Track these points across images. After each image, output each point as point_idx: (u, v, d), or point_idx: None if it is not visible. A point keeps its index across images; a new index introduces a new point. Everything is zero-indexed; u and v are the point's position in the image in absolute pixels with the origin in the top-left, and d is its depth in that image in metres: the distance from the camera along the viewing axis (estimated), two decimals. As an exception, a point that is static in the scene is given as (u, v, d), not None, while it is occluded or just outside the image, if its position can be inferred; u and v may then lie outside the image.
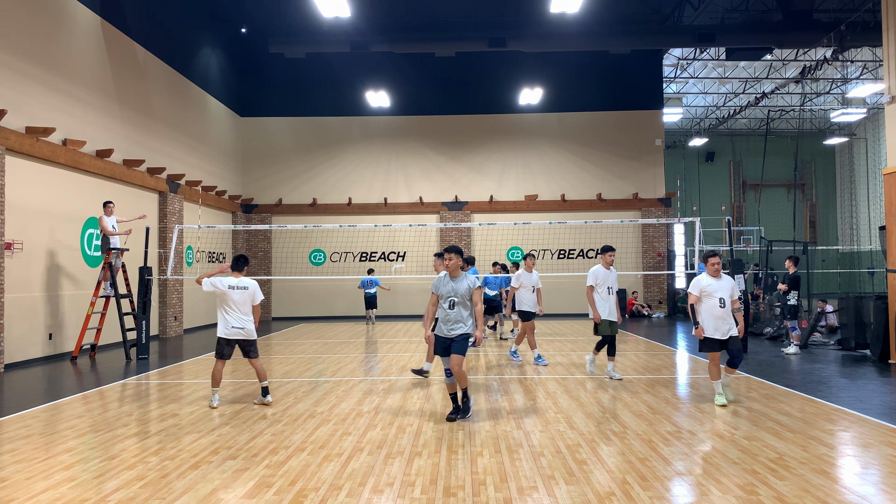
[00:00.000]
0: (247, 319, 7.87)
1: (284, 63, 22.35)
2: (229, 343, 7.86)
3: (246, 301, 7.89)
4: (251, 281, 8.02)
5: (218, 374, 7.90)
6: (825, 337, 14.19)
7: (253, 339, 7.97)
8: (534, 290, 11.31)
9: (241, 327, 7.80)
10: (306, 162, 23.22)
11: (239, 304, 7.83)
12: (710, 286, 7.70)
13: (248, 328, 7.87)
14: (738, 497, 4.60)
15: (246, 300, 7.89)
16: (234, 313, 7.82)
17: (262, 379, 8.04)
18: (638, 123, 23.05)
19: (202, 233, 19.55)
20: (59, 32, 13.08)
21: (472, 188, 23.07)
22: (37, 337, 12.24)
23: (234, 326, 7.80)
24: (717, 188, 35.18)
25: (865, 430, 6.42)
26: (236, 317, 7.81)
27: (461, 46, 19.96)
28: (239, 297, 7.84)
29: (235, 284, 7.86)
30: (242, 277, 8.00)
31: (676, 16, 21.41)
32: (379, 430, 6.59)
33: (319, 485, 4.95)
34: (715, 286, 7.69)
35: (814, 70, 22.63)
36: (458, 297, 6.85)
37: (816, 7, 19.45)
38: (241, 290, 7.86)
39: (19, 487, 4.96)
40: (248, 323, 7.88)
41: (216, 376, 7.90)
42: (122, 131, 15.19)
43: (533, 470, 5.25)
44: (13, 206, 11.52)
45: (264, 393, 8.00)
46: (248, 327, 7.87)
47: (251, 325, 7.91)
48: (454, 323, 6.85)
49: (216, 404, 7.80)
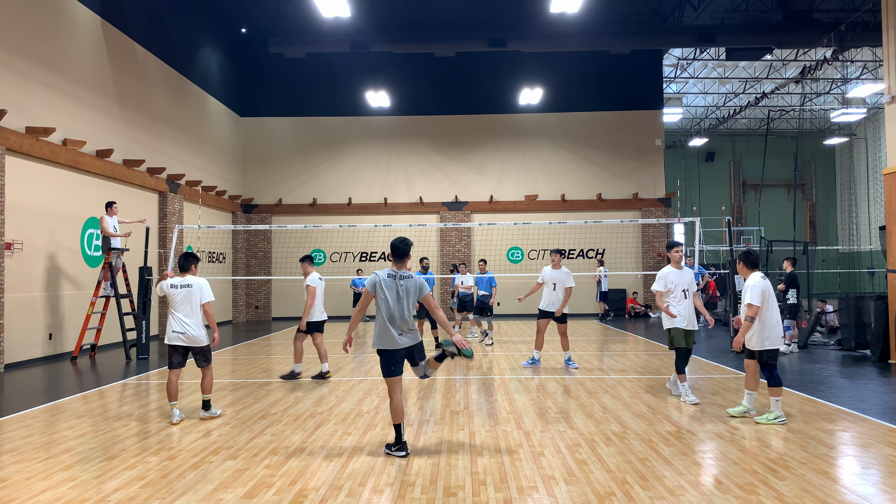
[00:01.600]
0: (189, 322, 7.05)
1: (284, 63, 22.35)
2: (175, 350, 7.10)
3: (188, 301, 7.07)
4: (198, 279, 7.22)
5: (172, 387, 7.05)
6: (825, 337, 14.20)
7: (200, 346, 7.15)
8: (554, 287, 10.74)
9: (181, 332, 7.02)
10: (306, 162, 23.22)
11: (179, 305, 7.05)
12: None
13: (192, 333, 7.04)
14: (738, 497, 4.60)
15: (189, 300, 7.07)
16: (176, 315, 7.06)
17: (205, 392, 7.23)
18: (638, 123, 23.05)
19: (202, 233, 19.55)
20: (59, 32, 13.08)
21: (472, 188, 23.07)
22: (37, 337, 12.24)
23: (175, 331, 7.04)
24: (717, 188, 35.18)
25: (865, 430, 6.42)
26: (178, 319, 7.04)
27: (461, 46, 19.96)
28: (181, 296, 7.07)
29: (178, 283, 7.12)
30: (188, 276, 7.21)
31: (676, 16, 21.41)
32: (379, 430, 6.59)
33: (319, 485, 4.95)
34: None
35: (814, 70, 22.63)
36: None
37: (816, 7, 19.45)
38: (185, 289, 7.09)
39: (19, 487, 4.96)
40: (192, 327, 7.05)
41: (170, 389, 7.05)
42: (122, 131, 15.20)
43: (533, 470, 5.25)
44: (13, 206, 11.52)
45: (205, 407, 7.22)
46: (191, 332, 7.04)
47: (196, 329, 7.07)
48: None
49: (177, 420, 6.94)
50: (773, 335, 6.82)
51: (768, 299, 6.83)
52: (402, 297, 5.73)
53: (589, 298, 22.51)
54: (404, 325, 5.75)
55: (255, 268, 22.79)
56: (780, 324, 6.91)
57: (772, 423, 6.62)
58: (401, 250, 5.85)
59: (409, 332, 5.79)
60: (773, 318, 6.84)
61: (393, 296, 5.71)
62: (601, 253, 22.55)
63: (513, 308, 22.62)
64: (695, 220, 13.75)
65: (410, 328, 5.81)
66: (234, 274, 22.13)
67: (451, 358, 5.95)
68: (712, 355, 11.96)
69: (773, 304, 6.88)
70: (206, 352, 7.26)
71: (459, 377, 9.82)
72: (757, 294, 6.75)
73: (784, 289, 12.50)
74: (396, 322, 5.71)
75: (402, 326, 5.74)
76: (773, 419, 6.66)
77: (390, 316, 5.70)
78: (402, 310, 5.73)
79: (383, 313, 5.72)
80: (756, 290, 6.79)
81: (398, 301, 5.72)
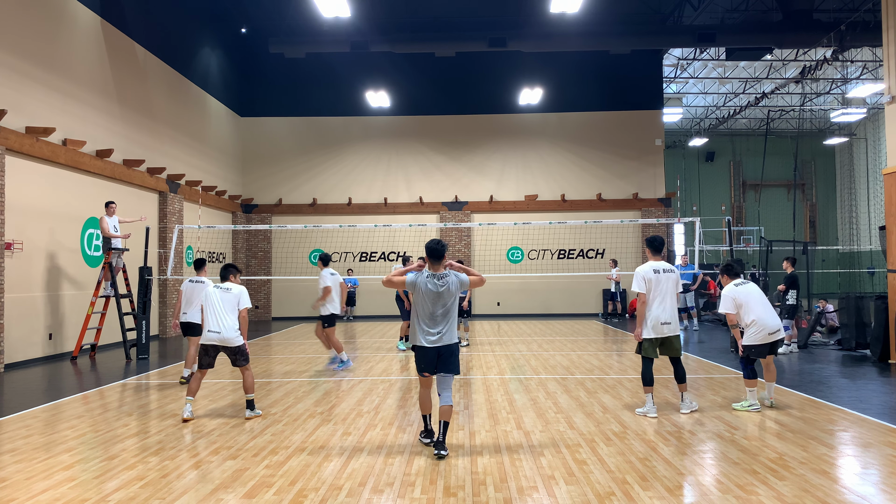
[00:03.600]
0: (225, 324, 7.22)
1: (284, 63, 22.34)
2: (207, 351, 7.27)
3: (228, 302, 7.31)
4: (237, 286, 7.48)
5: (195, 384, 7.25)
6: (825, 337, 14.20)
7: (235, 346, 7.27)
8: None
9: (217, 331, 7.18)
10: (306, 162, 23.22)
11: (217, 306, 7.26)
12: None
13: (226, 335, 7.16)
14: (738, 497, 4.60)
15: (229, 302, 7.32)
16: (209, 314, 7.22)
17: (248, 391, 7.38)
18: (638, 123, 23.05)
19: (202, 233, 19.55)
20: (59, 32, 13.08)
21: (472, 188, 23.07)
22: (37, 337, 12.24)
23: (211, 330, 7.18)
24: (717, 188, 35.16)
25: (865, 430, 6.42)
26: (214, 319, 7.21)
27: (461, 46, 19.96)
28: (222, 298, 7.30)
29: (220, 286, 7.43)
30: (227, 283, 7.48)
31: (676, 16, 21.41)
32: (379, 430, 6.59)
33: (319, 485, 4.95)
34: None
35: (814, 70, 22.62)
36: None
37: (816, 7, 19.45)
38: (226, 292, 7.36)
39: (19, 487, 4.96)
40: (228, 328, 7.19)
41: (192, 386, 7.23)
42: (122, 131, 15.20)
43: (533, 470, 5.25)
44: (13, 206, 11.52)
45: (250, 406, 7.30)
46: (225, 334, 7.16)
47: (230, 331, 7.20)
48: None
49: (187, 416, 7.08)
50: (750, 333, 7.37)
51: (746, 304, 7.33)
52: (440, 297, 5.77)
53: (589, 298, 22.53)
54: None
55: (255, 268, 22.79)
56: (758, 323, 7.29)
57: (746, 410, 7.26)
58: (438, 252, 5.85)
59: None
60: (747, 320, 7.34)
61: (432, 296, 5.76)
62: (600, 252, 22.55)
63: (512, 308, 22.63)
64: (695, 220, 13.75)
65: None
66: (234, 274, 22.09)
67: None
68: (712, 355, 11.97)
69: (751, 307, 7.32)
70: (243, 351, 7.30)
71: (460, 377, 9.82)
72: (727, 303, 7.36)
73: (784, 289, 12.50)
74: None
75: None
76: (748, 406, 7.31)
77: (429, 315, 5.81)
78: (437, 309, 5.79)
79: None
80: (726, 300, 7.42)
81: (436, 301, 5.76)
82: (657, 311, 7.13)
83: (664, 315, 7.13)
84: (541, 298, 22.57)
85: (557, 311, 22.48)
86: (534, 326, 18.58)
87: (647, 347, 7.26)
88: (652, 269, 7.19)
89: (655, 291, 7.13)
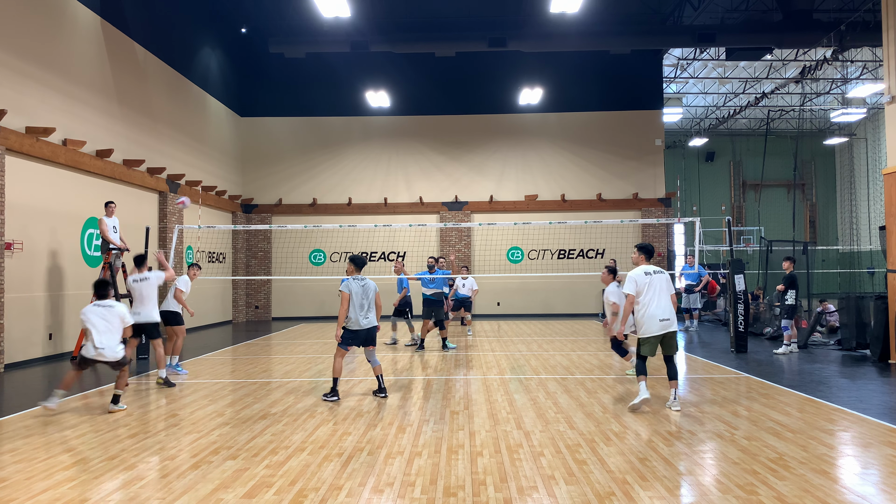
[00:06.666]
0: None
1: (284, 63, 22.34)
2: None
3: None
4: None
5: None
6: (825, 337, 14.19)
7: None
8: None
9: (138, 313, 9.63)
10: (306, 162, 23.22)
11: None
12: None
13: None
14: (738, 497, 4.60)
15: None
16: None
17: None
18: (638, 123, 23.05)
19: (202, 233, 19.55)
20: (59, 32, 13.08)
21: (472, 188, 23.07)
22: (37, 337, 12.24)
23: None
24: (717, 188, 35.15)
25: (865, 430, 6.42)
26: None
27: (461, 46, 19.94)
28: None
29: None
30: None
31: (676, 16, 21.40)
32: (379, 430, 6.59)
33: (319, 485, 4.95)
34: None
35: (814, 70, 22.62)
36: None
37: (816, 7, 19.44)
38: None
39: (19, 487, 4.96)
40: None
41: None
42: (122, 131, 15.19)
43: (533, 470, 5.25)
44: (13, 206, 11.52)
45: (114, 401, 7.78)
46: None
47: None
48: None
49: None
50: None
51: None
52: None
53: (589, 298, 22.52)
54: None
55: (255, 268, 22.79)
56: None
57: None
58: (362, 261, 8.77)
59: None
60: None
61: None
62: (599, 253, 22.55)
63: (512, 308, 22.63)
64: (695, 220, 13.74)
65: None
66: (233, 274, 22.13)
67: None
68: (712, 355, 11.97)
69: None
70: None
71: (460, 377, 9.83)
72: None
73: (783, 289, 12.49)
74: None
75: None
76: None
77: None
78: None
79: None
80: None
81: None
82: (654, 310, 7.34)
83: (662, 312, 7.35)
84: (541, 298, 22.57)
85: (557, 311, 22.48)
86: (534, 326, 18.58)
87: (646, 347, 7.43)
88: (643, 272, 7.50)
89: (649, 292, 7.37)
